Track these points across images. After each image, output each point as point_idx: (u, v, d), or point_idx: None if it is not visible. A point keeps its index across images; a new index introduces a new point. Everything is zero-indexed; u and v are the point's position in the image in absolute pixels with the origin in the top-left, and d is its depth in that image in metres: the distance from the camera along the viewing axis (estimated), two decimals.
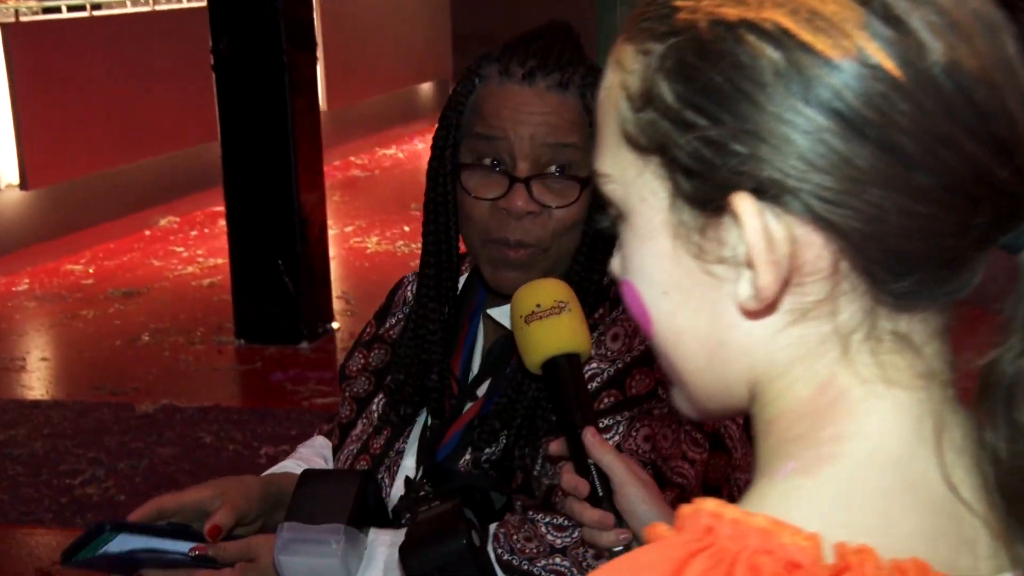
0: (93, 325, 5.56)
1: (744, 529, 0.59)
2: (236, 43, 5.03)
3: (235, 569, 1.40)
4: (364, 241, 6.92)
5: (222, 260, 6.65)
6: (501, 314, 1.51)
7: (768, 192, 0.61)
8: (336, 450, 1.65)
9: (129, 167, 7.07)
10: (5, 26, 6.31)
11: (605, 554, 1.20)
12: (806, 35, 0.60)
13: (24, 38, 6.37)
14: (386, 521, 1.48)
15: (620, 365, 1.41)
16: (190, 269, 6.46)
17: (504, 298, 1.52)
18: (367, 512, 1.44)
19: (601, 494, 1.18)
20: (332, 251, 5.86)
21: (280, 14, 4.98)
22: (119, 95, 6.88)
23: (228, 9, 5.02)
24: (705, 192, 0.63)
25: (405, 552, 1.30)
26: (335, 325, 5.37)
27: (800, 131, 0.60)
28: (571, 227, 1.45)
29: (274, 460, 3.96)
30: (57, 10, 6.82)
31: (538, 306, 1.24)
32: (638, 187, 0.68)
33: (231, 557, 1.41)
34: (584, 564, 1.36)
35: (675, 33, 0.64)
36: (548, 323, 1.24)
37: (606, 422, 1.38)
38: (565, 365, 1.23)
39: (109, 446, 4.14)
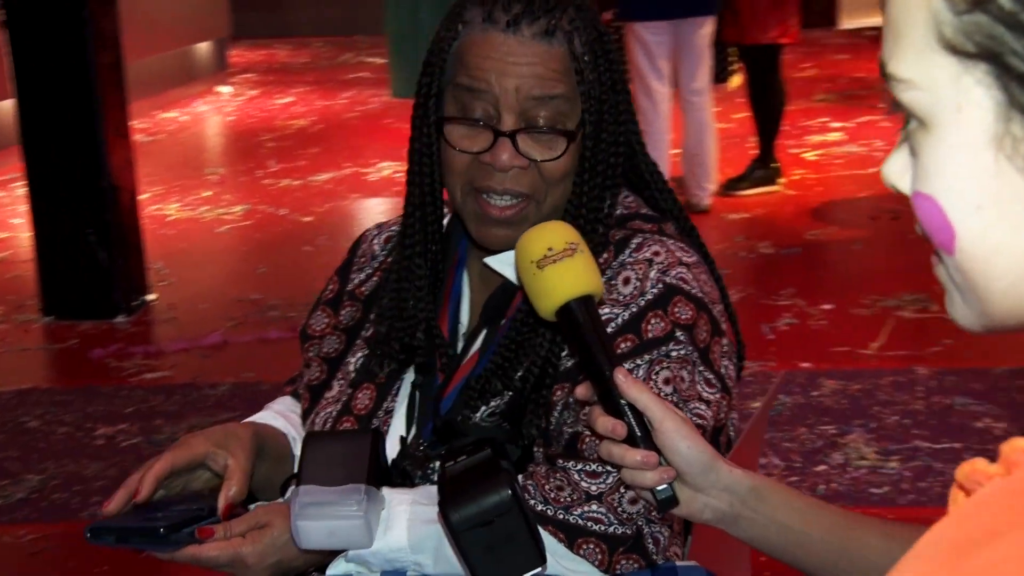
0: None
1: None
2: None
3: (245, 538, 1.33)
4: (163, 208, 6.63)
5: (10, 233, 6.28)
6: (500, 263, 1.48)
7: None
8: (307, 412, 1.57)
9: None
10: None
11: (650, 494, 1.17)
12: None
13: None
14: (390, 481, 1.43)
15: (635, 309, 1.40)
16: None
17: (490, 249, 1.49)
18: (380, 471, 1.40)
19: (639, 434, 1.17)
20: None
21: None
22: None
23: None
24: None
25: (448, 507, 1.24)
26: (152, 296, 5.11)
27: None
28: (560, 179, 1.44)
29: (112, 440, 3.80)
30: None
31: (550, 249, 1.21)
32: (952, 95, 0.64)
33: (240, 533, 1.34)
34: (619, 509, 1.35)
35: None
36: (563, 266, 1.21)
37: (627, 366, 1.35)
38: (583, 308, 1.21)
39: None
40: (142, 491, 1.33)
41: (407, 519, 1.34)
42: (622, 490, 1.34)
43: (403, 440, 1.46)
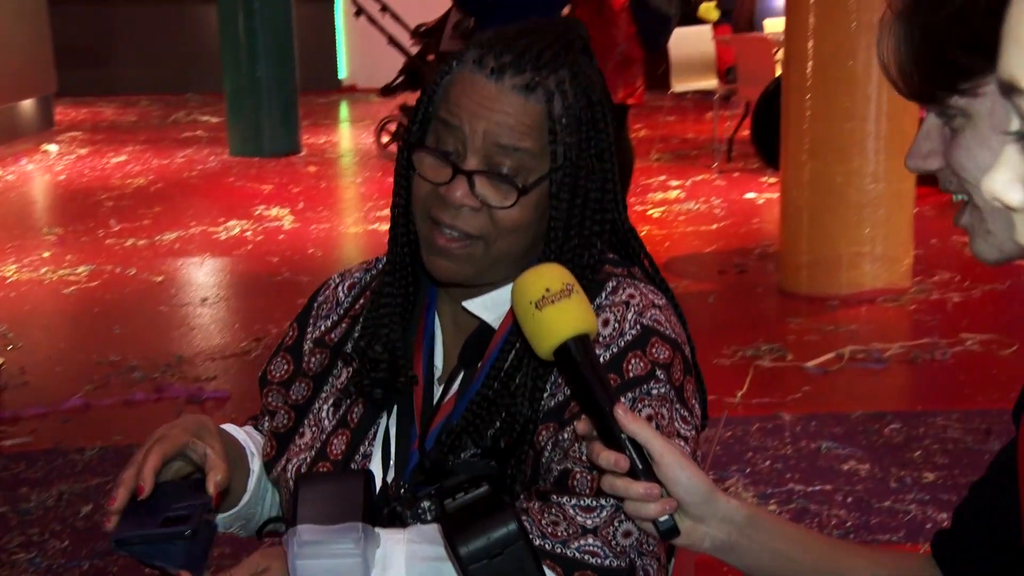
0: None
1: None
2: None
3: None
4: (1, 270, 6.40)
5: None
6: (478, 306, 1.51)
7: None
8: (274, 459, 1.57)
9: None
10: None
11: (651, 525, 1.21)
12: None
13: None
14: (380, 522, 1.43)
15: (615, 350, 1.44)
16: None
17: (455, 288, 1.52)
18: (373, 511, 1.40)
19: (641, 467, 1.20)
20: None
21: None
22: None
23: None
24: None
25: (457, 541, 1.26)
26: (0, 360, 4.93)
27: None
28: (512, 229, 1.45)
29: None
30: None
31: (547, 290, 1.24)
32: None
33: None
34: (614, 543, 1.38)
35: None
36: (560, 306, 1.23)
37: None
38: (581, 346, 1.24)
39: None
40: (145, 487, 1.33)
41: (405, 557, 1.35)
42: (616, 524, 1.37)
43: (384, 483, 1.47)
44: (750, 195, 7.84)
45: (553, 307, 1.23)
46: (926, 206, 6.38)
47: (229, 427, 1.60)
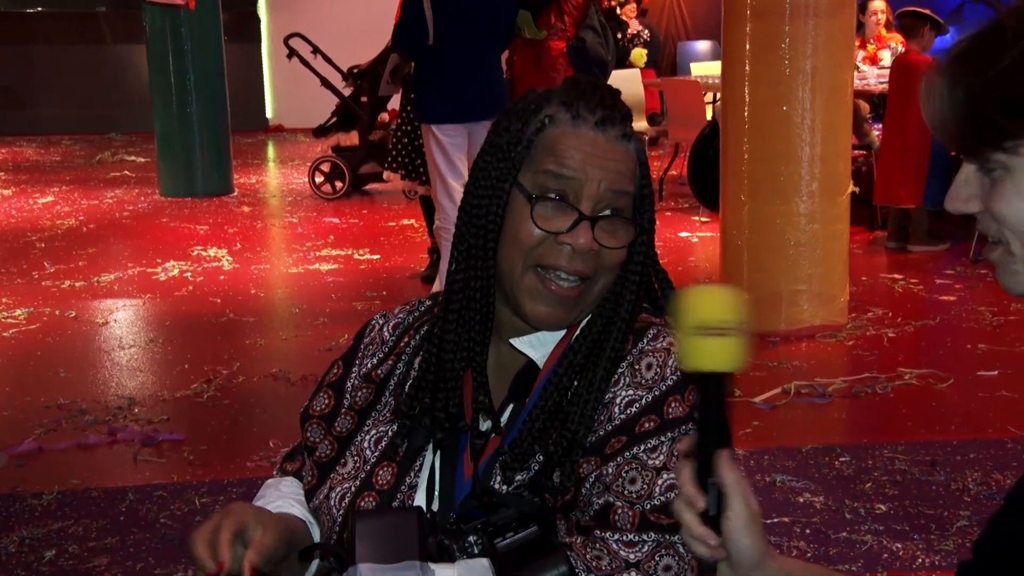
0: None
1: None
2: None
3: None
4: None
5: None
6: (526, 345, 1.58)
7: None
8: (315, 488, 1.63)
9: None
10: None
11: (696, 555, 1.25)
12: None
13: None
14: (428, 553, 1.47)
15: (657, 393, 1.50)
16: None
17: (505, 327, 1.58)
18: (427, 547, 1.44)
19: (712, 512, 1.22)
20: None
21: None
22: None
23: None
24: None
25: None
26: None
27: None
28: (613, 267, 1.55)
29: None
30: None
31: (721, 322, 1.20)
32: None
33: None
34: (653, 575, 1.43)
35: None
36: (727, 343, 1.20)
37: (652, 442, 1.46)
38: (720, 382, 1.23)
39: None
40: (226, 563, 1.38)
41: None
42: (657, 558, 1.42)
43: (431, 513, 1.51)
44: (684, 234, 7.97)
45: (720, 340, 1.20)
46: (854, 244, 6.56)
47: (287, 505, 1.62)
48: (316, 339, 5.70)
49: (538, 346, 1.57)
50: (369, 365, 1.69)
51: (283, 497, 1.64)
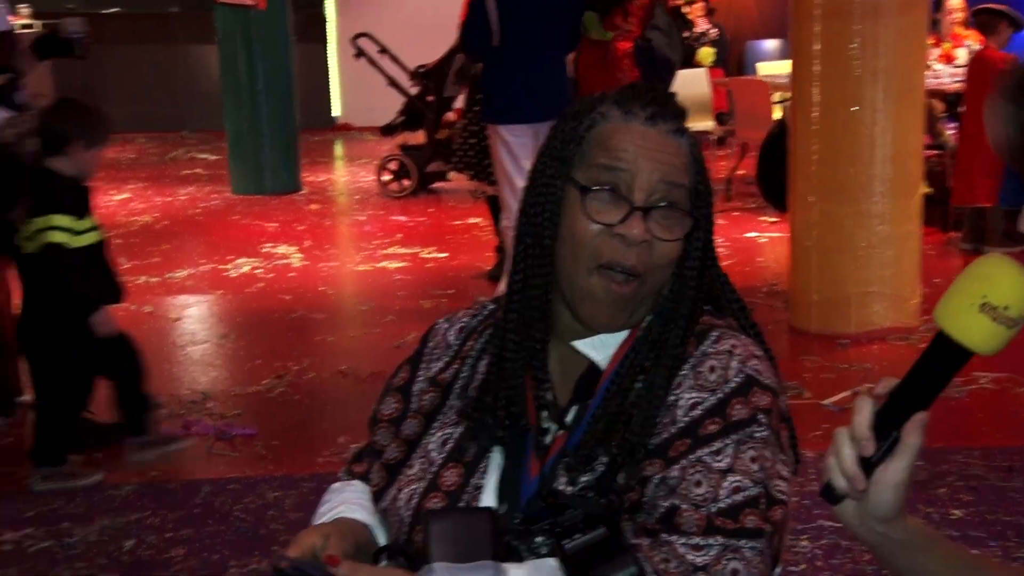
0: None
1: None
2: None
3: None
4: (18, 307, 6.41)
5: None
6: (588, 347, 1.58)
7: None
8: (384, 489, 1.65)
9: None
10: None
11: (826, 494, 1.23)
12: None
13: None
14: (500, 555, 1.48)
15: (721, 395, 1.49)
16: None
17: (568, 329, 1.58)
18: (500, 548, 1.44)
19: (873, 459, 1.20)
20: None
21: None
22: None
23: None
24: None
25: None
26: (27, 397, 4.94)
27: None
28: (666, 264, 1.55)
29: (19, 545, 3.68)
30: None
31: (1007, 308, 1.14)
32: None
33: None
34: None
35: None
36: (999, 330, 1.14)
37: (716, 445, 1.45)
38: (964, 359, 1.17)
39: None
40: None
41: None
42: (724, 562, 1.41)
43: (498, 514, 1.52)
44: (751, 234, 7.91)
45: (994, 325, 1.13)
46: (927, 246, 6.48)
47: (357, 510, 1.65)
48: (384, 336, 5.75)
49: (600, 348, 1.58)
50: (435, 369, 1.70)
51: (346, 502, 1.65)
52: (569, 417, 1.57)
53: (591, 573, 1.33)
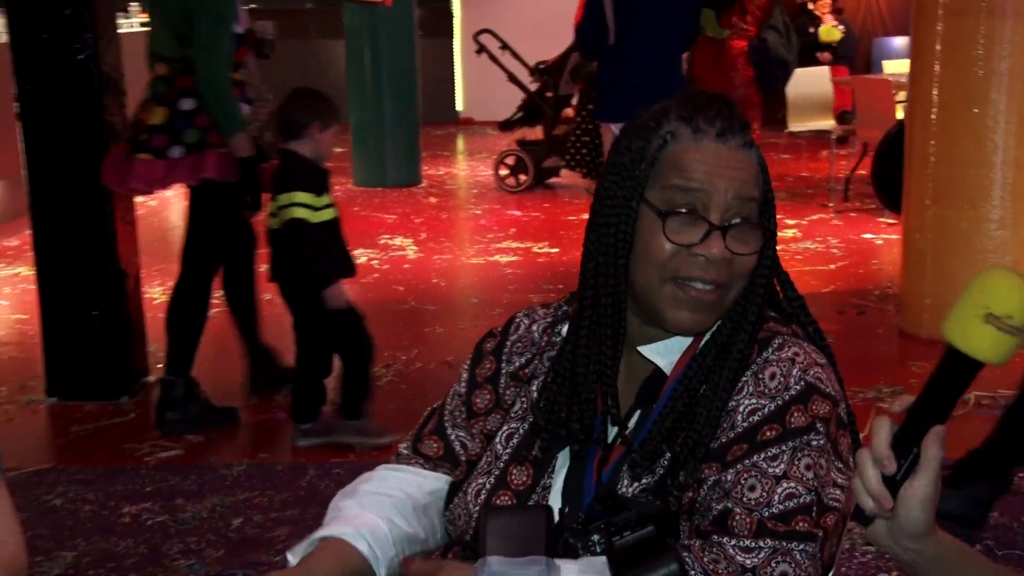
0: None
1: None
2: (43, 89, 4.81)
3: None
4: (149, 291, 6.63)
5: (13, 315, 6.29)
6: (653, 352, 1.61)
7: None
8: (460, 484, 1.68)
9: None
10: None
11: (857, 517, 1.25)
12: None
13: None
14: (555, 551, 1.52)
15: (780, 402, 1.50)
16: None
17: (634, 335, 1.61)
18: (554, 544, 1.48)
19: (897, 477, 1.21)
20: None
21: (94, 61, 4.80)
22: None
23: (34, 55, 4.79)
24: None
25: (627, 573, 1.35)
26: (152, 378, 5.17)
27: None
28: (745, 274, 1.56)
29: (137, 519, 3.86)
30: None
31: (1010, 317, 1.17)
32: None
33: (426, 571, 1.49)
34: None
35: None
36: (1004, 339, 1.17)
37: (772, 451, 1.46)
38: (974, 370, 1.19)
39: None
40: None
41: None
42: (773, 564, 1.42)
43: (561, 513, 1.56)
44: (868, 236, 7.81)
45: (997, 333, 1.16)
46: None
47: (353, 534, 1.64)
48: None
49: (665, 354, 1.60)
50: (516, 364, 1.73)
51: (348, 513, 1.70)
52: (632, 422, 1.60)
53: (635, 568, 1.36)
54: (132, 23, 10.71)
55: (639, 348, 1.62)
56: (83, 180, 4.83)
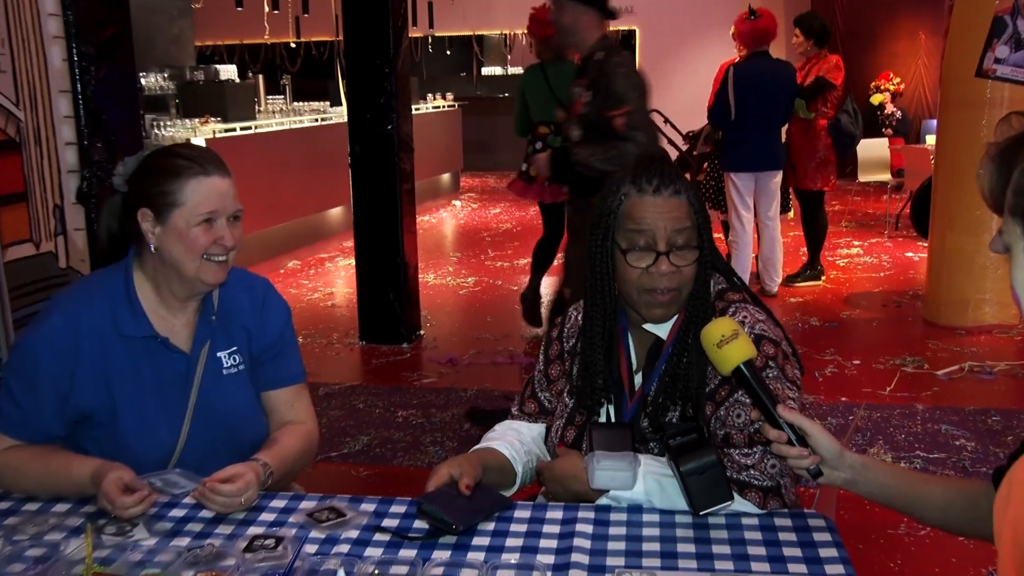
0: None
1: None
2: (366, 148, 5.08)
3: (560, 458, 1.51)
4: (424, 277, 6.92)
5: (333, 289, 6.64)
6: (654, 328, 1.59)
7: None
8: (549, 427, 1.70)
9: (266, 229, 7.06)
10: (207, 141, 6.31)
11: (805, 472, 1.27)
12: None
13: (213, 146, 6.34)
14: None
15: None
16: (315, 296, 6.43)
17: (650, 321, 1.59)
18: (634, 445, 1.52)
19: (795, 439, 1.25)
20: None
21: (395, 131, 5.05)
22: (268, 182, 6.88)
23: (361, 127, 5.07)
24: None
25: (680, 459, 1.36)
26: (422, 332, 5.39)
27: None
28: (691, 279, 1.54)
29: (407, 420, 4.01)
30: (233, 130, 6.82)
31: (723, 336, 1.29)
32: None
33: (562, 453, 1.53)
34: (765, 472, 1.45)
35: None
36: (734, 345, 1.28)
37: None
38: (749, 367, 1.28)
39: None
40: (438, 480, 1.48)
41: (643, 472, 1.46)
42: (765, 460, 1.44)
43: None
44: (909, 254, 7.34)
45: (728, 346, 1.28)
46: None
47: (500, 445, 1.65)
48: None
49: (660, 328, 1.60)
50: (569, 345, 1.72)
51: (490, 440, 1.69)
52: (639, 376, 1.60)
53: (686, 456, 1.38)
54: (427, 107, 11.05)
55: (644, 326, 1.61)
56: (386, 206, 5.04)
